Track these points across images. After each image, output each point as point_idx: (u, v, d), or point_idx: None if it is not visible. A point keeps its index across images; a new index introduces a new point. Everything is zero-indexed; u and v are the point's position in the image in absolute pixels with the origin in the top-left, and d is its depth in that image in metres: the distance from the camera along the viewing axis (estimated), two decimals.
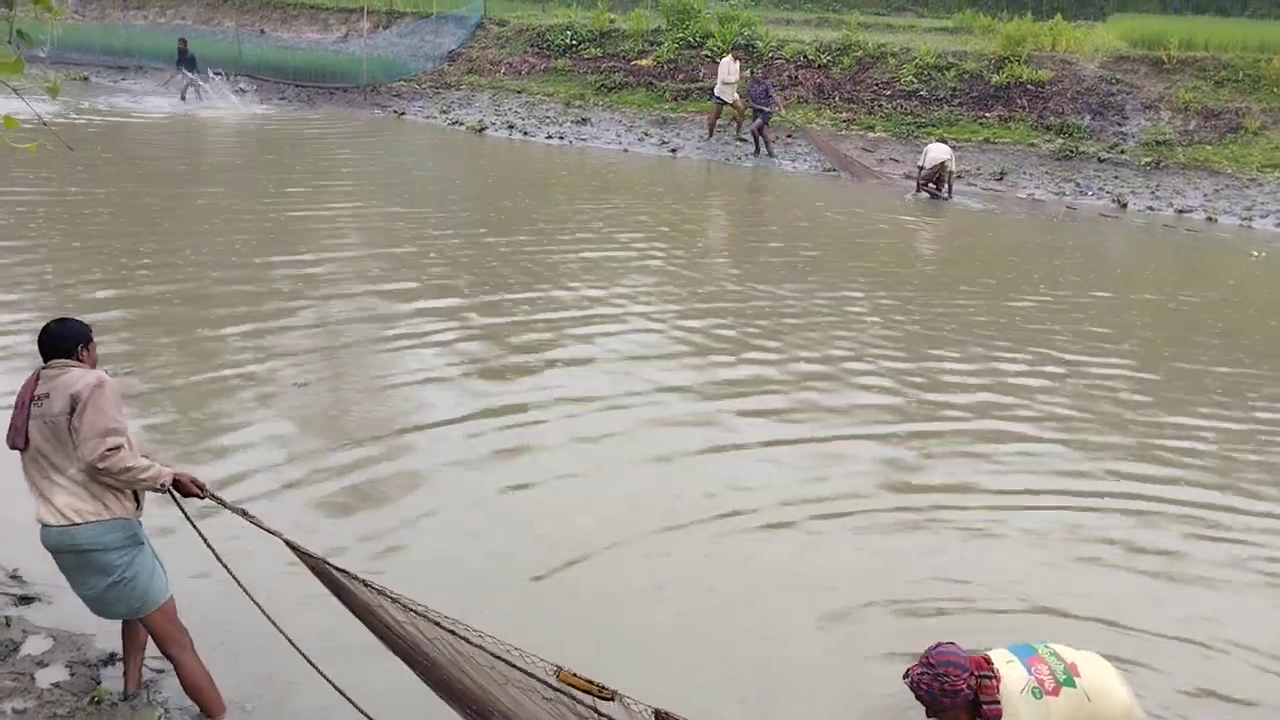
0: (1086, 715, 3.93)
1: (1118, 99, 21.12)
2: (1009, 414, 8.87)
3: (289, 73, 29.40)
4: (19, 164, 16.56)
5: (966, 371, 9.90)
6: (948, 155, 18.46)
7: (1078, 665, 4.04)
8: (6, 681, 4.66)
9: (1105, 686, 4.05)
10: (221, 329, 9.90)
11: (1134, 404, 9.25)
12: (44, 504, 4.34)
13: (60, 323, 4.54)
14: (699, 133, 23.23)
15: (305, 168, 19.14)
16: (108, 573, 4.38)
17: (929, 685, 3.84)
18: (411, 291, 11.48)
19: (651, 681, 4.72)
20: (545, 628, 5.30)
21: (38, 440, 4.34)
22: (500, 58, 28.15)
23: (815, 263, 13.96)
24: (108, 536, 4.35)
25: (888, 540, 6.66)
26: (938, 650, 3.92)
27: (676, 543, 6.43)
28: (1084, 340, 10.95)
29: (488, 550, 6.26)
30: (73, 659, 4.90)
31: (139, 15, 36.18)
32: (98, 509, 4.33)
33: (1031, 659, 4.02)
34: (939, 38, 25.25)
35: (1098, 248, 16.35)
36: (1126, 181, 19.47)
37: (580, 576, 6.04)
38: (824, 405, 8.85)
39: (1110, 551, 6.63)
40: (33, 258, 11.95)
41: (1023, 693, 3.88)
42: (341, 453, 7.43)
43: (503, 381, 9.03)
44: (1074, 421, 8.73)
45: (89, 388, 4.28)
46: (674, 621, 5.64)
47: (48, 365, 4.44)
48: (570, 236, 14.59)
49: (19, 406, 4.38)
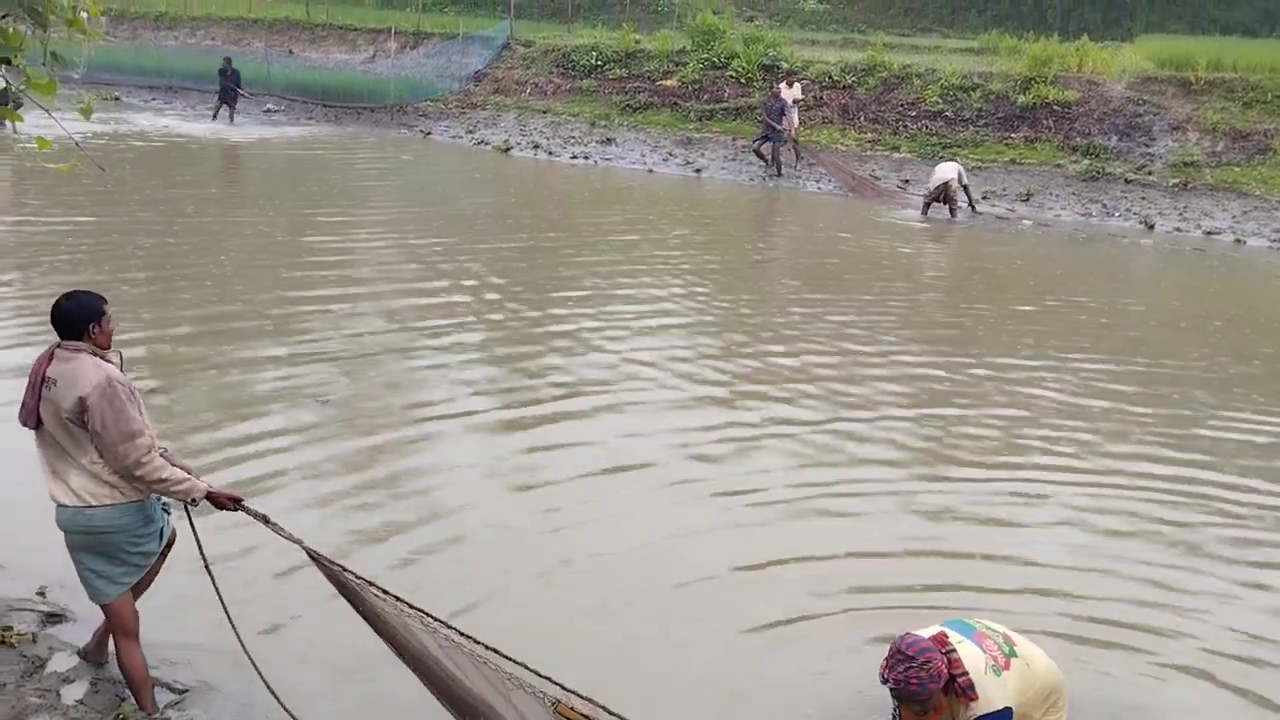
0: (1026, 679, 4.08)
1: (1145, 120, 21.03)
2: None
3: (317, 93, 29.69)
4: (52, 183, 16.77)
5: (986, 418, 9.81)
6: (952, 174, 18.35)
7: (1010, 635, 4.22)
8: (33, 698, 4.68)
9: (1033, 652, 4.24)
10: (248, 343, 9.95)
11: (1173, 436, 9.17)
12: (58, 483, 4.34)
13: (71, 298, 4.39)
14: (724, 153, 23.27)
15: (331, 187, 19.25)
16: (115, 555, 4.44)
17: (918, 677, 3.78)
18: (436, 309, 11.49)
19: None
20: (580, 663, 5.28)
21: (49, 424, 4.31)
22: (526, 78, 28.32)
23: (826, 285, 13.93)
24: (123, 519, 4.40)
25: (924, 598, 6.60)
26: (906, 641, 3.88)
27: (703, 590, 6.16)
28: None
29: (517, 580, 6.20)
30: (97, 676, 4.91)
31: (170, 36, 36.64)
32: (113, 494, 4.35)
33: (977, 635, 4.11)
34: (964, 58, 25.25)
35: (1115, 271, 16.24)
36: (1154, 203, 19.36)
37: (616, 609, 5.97)
38: (855, 434, 8.79)
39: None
40: (63, 268, 12.09)
41: (986, 672, 3.94)
42: (362, 473, 7.44)
43: (529, 405, 9.01)
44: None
45: (98, 390, 4.21)
46: (704, 669, 5.53)
47: (62, 345, 4.35)
48: (594, 257, 14.61)
49: (31, 387, 4.33)
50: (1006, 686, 3.97)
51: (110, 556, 4.45)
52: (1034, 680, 4.14)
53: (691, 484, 7.51)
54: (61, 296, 4.39)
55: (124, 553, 4.47)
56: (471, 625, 4.40)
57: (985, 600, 6.01)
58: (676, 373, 9.82)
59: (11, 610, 5.42)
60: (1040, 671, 4.20)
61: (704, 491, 7.42)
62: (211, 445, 7.69)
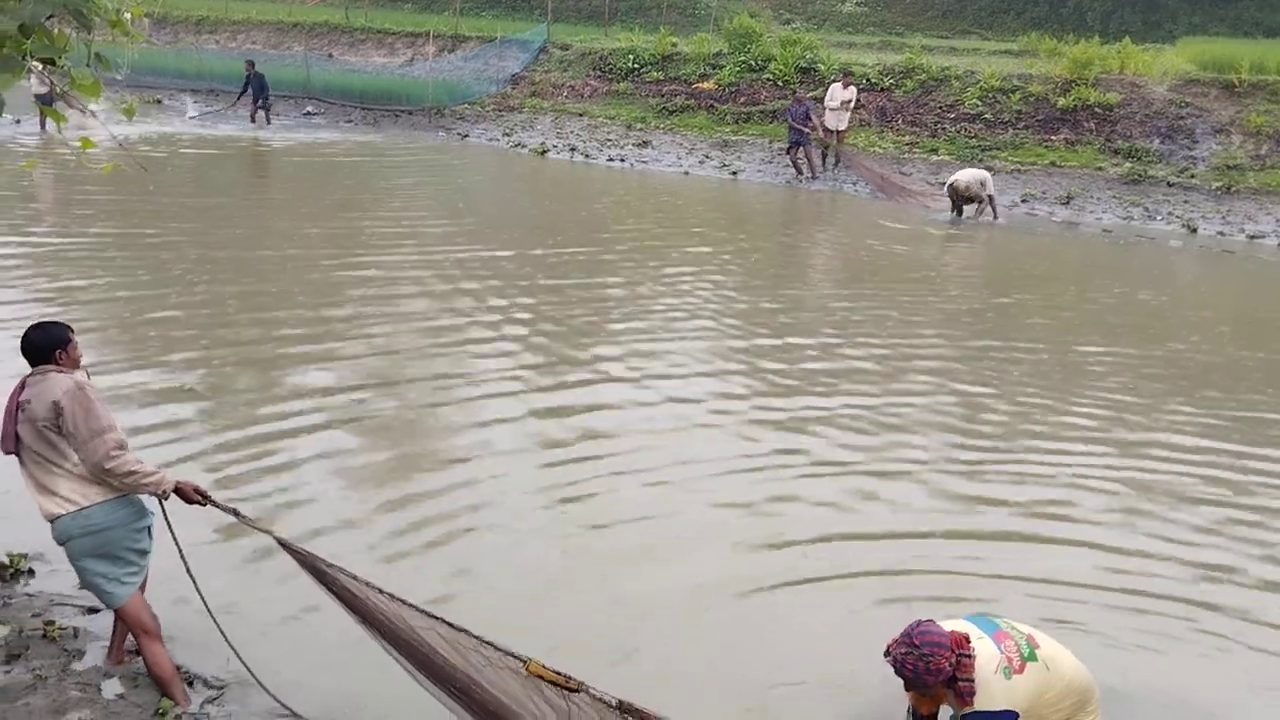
0: (1045, 683, 4.10)
1: (1187, 123, 20.78)
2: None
3: (355, 96, 29.86)
4: (92, 184, 17.00)
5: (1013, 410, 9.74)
6: (962, 178, 18.32)
7: (1034, 637, 4.23)
8: (73, 692, 4.73)
9: (1058, 654, 4.24)
10: (284, 347, 10.03)
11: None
12: (48, 497, 4.56)
13: (38, 328, 4.71)
14: (760, 156, 23.21)
15: (367, 190, 19.37)
16: (116, 555, 4.63)
17: (914, 665, 3.95)
18: (472, 310, 11.53)
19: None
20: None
21: (29, 441, 4.57)
22: (563, 81, 28.37)
23: (866, 281, 13.86)
24: (119, 512, 4.63)
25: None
26: (920, 630, 4.01)
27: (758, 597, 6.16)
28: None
29: (558, 591, 6.17)
30: (137, 671, 4.96)
31: (210, 39, 36.97)
32: (103, 491, 4.59)
33: (998, 635, 4.15)
34: (1004, 61, 25.05)
35: (1144, 275, 16.05)
36: (1196, 206, 19.11)
37: (661, 620, 5.95)
38: (904, 416, 8.76)
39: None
40: (100, 268, 12.24)
41: (996, 673, 4.01)
42: (398, 482, 7.47)
43: (564, 410, 9.01)
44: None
45: (68, 394, 4.49)
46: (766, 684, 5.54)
47: (32, 372, 4.65)
48: (631, 260, 14.61)
49: (7, 414, 4.62)
50: (1015, 690, 4.02)
51: (113, 557, 4.63)
52: (1053, 683, 4.14)
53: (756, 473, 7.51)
54: (30, 328, 4.72)
55: (124, 549, 4.66)
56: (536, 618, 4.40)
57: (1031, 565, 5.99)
58: (715, 371, 9.83)
59: (53, 605, 5.50)
60: (1063, 673, 4.19)
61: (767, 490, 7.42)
62: (243, 441, 7.77)
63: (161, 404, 8.44)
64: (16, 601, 5.50)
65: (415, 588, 5.64)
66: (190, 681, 4.93)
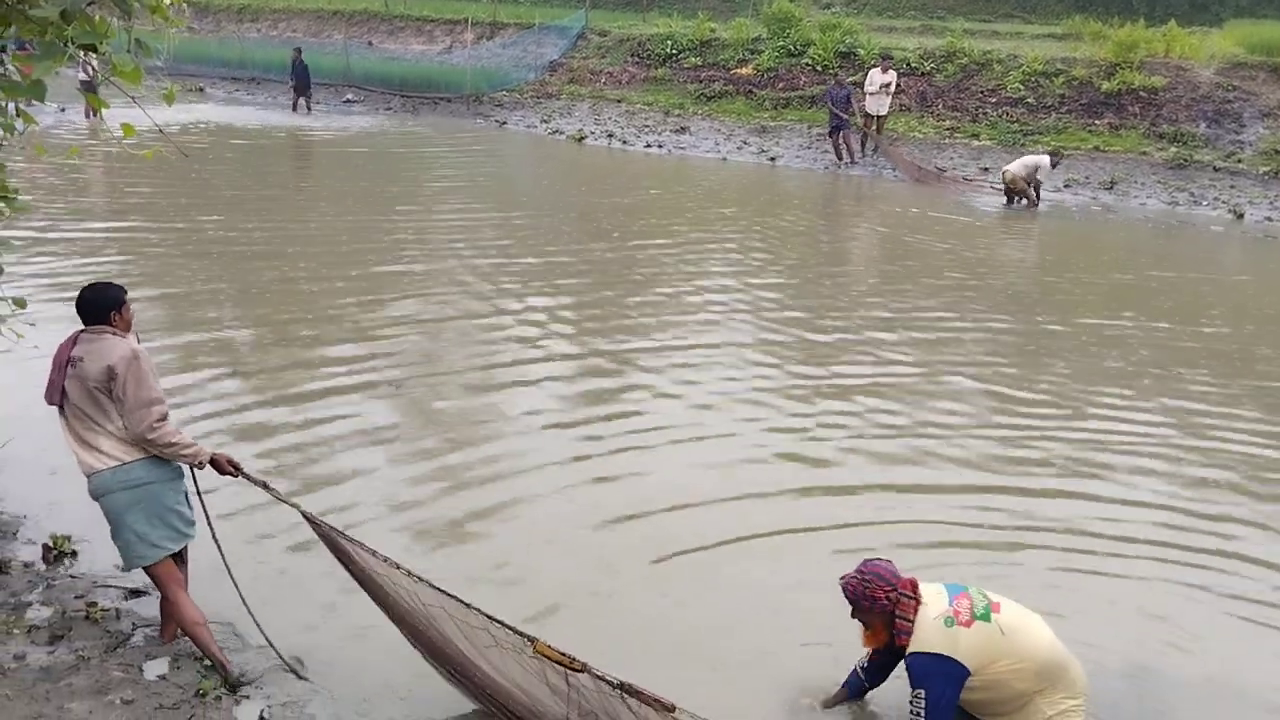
0: (997, 647, 4.16)
1: (1235, 106, 20.43)
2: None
3: (395, 84, 30.02)
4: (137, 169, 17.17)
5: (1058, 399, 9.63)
6: (1012, 169, 18.20)
7: (1000, 605, 4.29)
8: (116, 672, 4.79)
9: (1024, 626, 4.26)
10: (321, 330, 10.10)
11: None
12: (89, 452, 4.63)
13: (94, 288, 4.77)
14: (799, 141, 23.08)
15: (407, 177, 19.47)
16: (156, 512, 4.71)
17: (855, 587, 4.34)
18: (512, 293, 11.55)
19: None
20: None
21: (75, 398, 4.63)
22: (601, 67, 28.34)
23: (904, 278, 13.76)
24: (159, 469, 4.72)
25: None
26: (871, 563, 4.41)
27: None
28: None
29: (597, 578, 6.11)
30: (179, 652, 5.00)
31: (252, 28, 37.25)
32: (144, 451, 4.67)
33: (959, 595, 4.30)
34: (1047, 44, 24.73)
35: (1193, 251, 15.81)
36: (1243, 191, 18.80)
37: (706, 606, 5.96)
38: (945, 441, 8.69)
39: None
40: (150, 254, 12.38)
41: (936, 619, 4.20)
42: (435, 463, 7.50)
43: (605, 395, 9.00)
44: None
45: (125, 361, 4.56)
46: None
47: (86, 330, 4.71)
48: (669, 245, 14.56)
49: (57, 367, 4.68)
50: (955, 641, 4.14)
51: (151, 514, 4.71)
52: (1006, 650, 4.18)
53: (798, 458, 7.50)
54: (85, 288, 4.76)
55: (164, 509, 4.74)
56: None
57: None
58: (754, 360, 9.80)
59: (96, 586, 5.56)
60: (1020, 645, 4.21)
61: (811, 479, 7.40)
62: (284, 426, 7.83)
63: (202, 379, 8.59)
64: (60, 583, 5.57)
65: (446, 567, 5.74)
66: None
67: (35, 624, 5.12)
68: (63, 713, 4.43)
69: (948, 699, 4.14)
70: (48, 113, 22.72)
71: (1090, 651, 5.01)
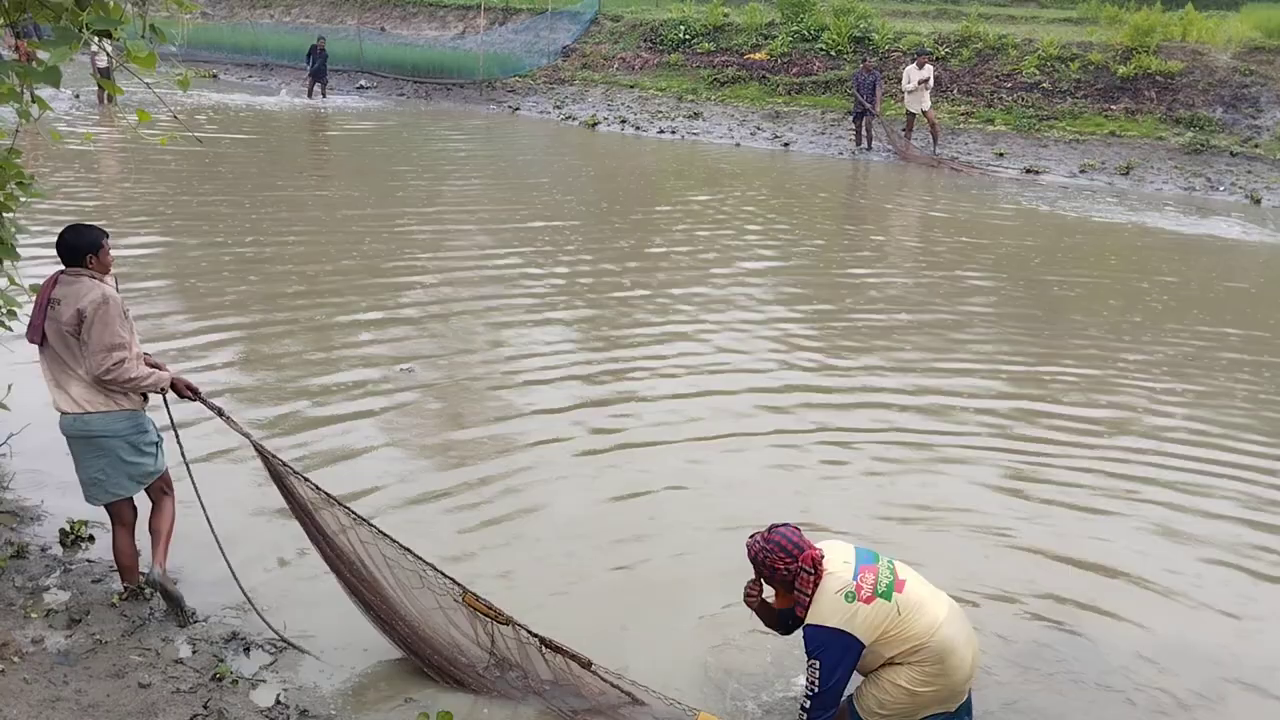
0: (892, 627, 4.12)
1: (1252, 91, 20.28)
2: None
3: (407, 69, 30.01)
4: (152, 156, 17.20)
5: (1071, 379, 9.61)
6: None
7: (905, 584, 4.22)
8: (133, 655, 4.82)
9: (921, 605, 4.18)
10: (335, 315, 10.13)
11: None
12: (61, 394, 4.86)
13: (74, 230, 4.89)
14: (813, 126, 23.00)
15: (420, 163, 19.47)
16: (112, 461, 4.95)
17: (756, 553, 4.28)
18: (523, 278, 11.57)
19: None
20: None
21: (52, 339, 4.81)
22: (614, 53, 28.27)
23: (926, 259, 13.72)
24: (116, 425, 4.91)
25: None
26: (778, 530, 4.29)
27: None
28: None
29: (600, 563, 6.12)
30: (196, 636, 5.04)
31: (265, 14, 37.27)
32: (108, 402, 4.88)
33: (866, 566, 4.23)
34: (1062, 29, 24.55)
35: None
36: (1260, 176, 18.67)
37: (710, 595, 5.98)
38: (961, 420, 8.68)
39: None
40: (166, 236, 12.43)
41: (837, 593, 4.13)
42: (444, 454, 7.52)
43: (615, 383, 9.01)
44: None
45: (94, 305, 4.71)
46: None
47: (64, 271, 4.85)
48: (681, 230, 14.55)
49: (38, 307, 4.85)
50: (854, 615, 4.09)
51: (107, 461, 4.94)
52: (897, 628, 4.11)
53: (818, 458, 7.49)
54: (65, 229, 4.90)
55: (120, 460, 4.96)
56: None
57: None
58: (767, 351, 9.79)
59: (113, 571, 5.58)
60: (908, 626, 4.11)
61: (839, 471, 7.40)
62: (298, 407, 7.86)
63: (218, 359, 8.66)
64: (77, 567, 5.61)
65: (452, 545, 5.83)
66: (247, 648, 5.01)
67: (53, 608, 5.16)
68: (80, 695, 4.46)
69: (842, 670, 4.12)
70: (62, 98, 22.77)
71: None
